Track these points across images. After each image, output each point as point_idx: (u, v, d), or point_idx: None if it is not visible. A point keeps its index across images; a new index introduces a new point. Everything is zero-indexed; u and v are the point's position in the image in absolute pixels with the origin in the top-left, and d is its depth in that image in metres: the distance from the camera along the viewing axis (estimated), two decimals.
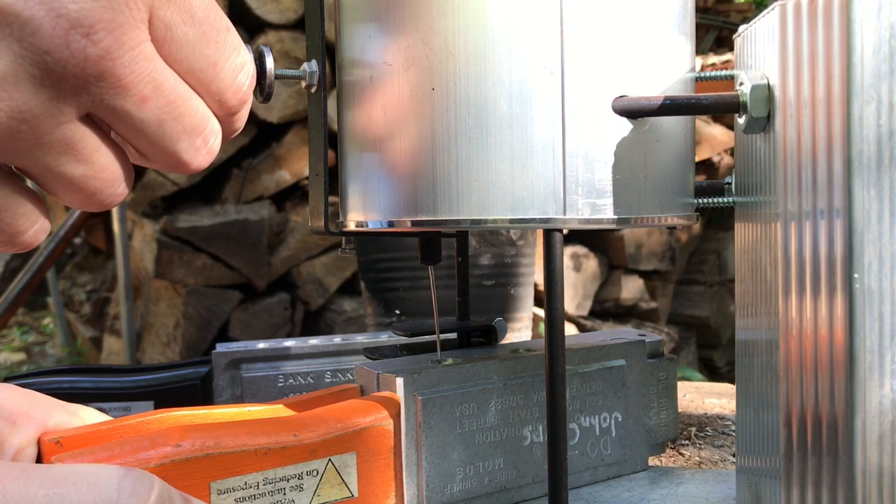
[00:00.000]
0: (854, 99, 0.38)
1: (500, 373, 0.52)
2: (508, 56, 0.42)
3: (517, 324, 1.38)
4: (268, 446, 0.42)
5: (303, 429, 0.44)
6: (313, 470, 0.44)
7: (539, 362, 0.54)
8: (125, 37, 0.29)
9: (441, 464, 0.49)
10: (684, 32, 0.46)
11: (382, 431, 0.46)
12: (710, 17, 3.30)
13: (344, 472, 0.45)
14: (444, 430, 0.49)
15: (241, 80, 0.34)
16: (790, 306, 0.40)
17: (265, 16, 2.24)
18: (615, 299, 2.68)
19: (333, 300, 2.41)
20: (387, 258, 1.33)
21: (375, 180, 0.46)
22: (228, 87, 0.34)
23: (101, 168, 0.31)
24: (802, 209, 0.39)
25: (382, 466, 0.47)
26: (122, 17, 0.29)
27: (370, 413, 0.46)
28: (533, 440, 0.53)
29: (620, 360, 0.58)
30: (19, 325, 3.87)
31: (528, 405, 0.53)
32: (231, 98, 0.34)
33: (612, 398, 0.57)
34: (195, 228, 2.23)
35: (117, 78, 0.29)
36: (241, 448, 0.41)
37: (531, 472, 0.53)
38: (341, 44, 0.49)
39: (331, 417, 0.45)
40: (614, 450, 0.57)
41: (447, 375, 0.50)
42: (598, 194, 0.43)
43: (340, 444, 0.45)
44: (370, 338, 0.71)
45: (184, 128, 0.32)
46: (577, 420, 0.55)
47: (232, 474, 0.41)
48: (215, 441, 0.40)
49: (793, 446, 0.40)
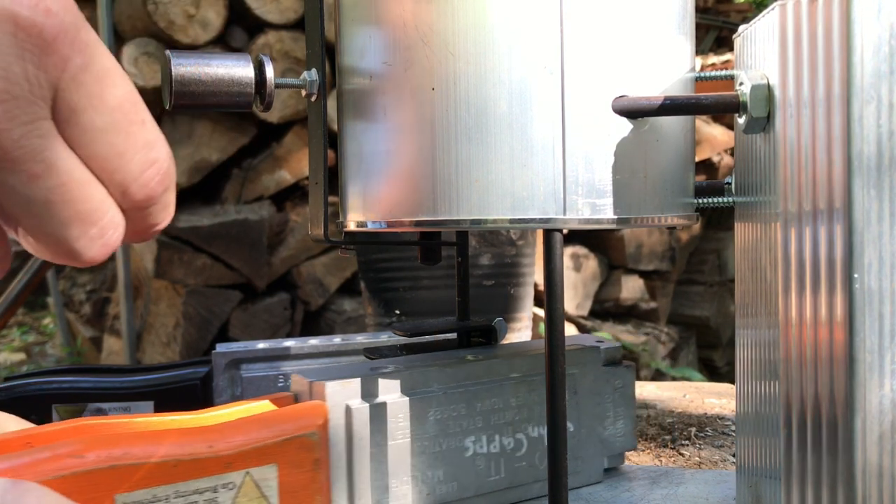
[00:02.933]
0: (854, 99, 0.38)
1: (440, 381, 0.50)
2: (508, 56, 0.42)
3: (517, 324, 1.38)
4: (179, 457, 0.40)
5: (219, 439, 0.42)
6: (229, 483, 0.41)
7: (485, 369, 0.52)
8: (18, 110, 0.28)
9: (373, 477, 0.47)
10: (684, 32, 0.46)
11: (306, 443, 0.44)
12: (710, 17, 3.30)
13: (263, 486, 0.43)
14: (377, 440, 0.47)
15: (150, 176, 0.32)
16: (790, 306, 0.40)
17: (265, 16, 2.24)
18: (615, 299, 2.68)
19: (333, 300, 2.41)
20: (387, 258, 1.33)
21: (375, 180, 0.46)
22: (134, 180, 0.32)
23: None
24: (802, 209, 0.39)
25: (306, 479, 0.44)
26: (17, 89, 0.27)
27: (293, 423, 0.44)
28: (476, 451, 0.51)
29: (572, 368, 0.55)
30: (19, 325, 3.87)
31: (470, 415, 0.51)
32: (137, 192, 0.32)
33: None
34: (195, 228, 2.23)
35: (4, 151, 0.28)
36: (149, 459, 0.39)
37: (473, 484, 0.51)
38: (341, 44, 0.49)
39: (251, 428, 0.43)
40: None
41: (383, 384, 0.48)
42: (598, 194, 0.43)
43: (259, 456, 0.42)
44: (370, 338, 0.71)
45: (76, 213, 0.30)
46: (523, 430, 0.53)
47: (139, 487, 0.39)
48: (122, 451, 0.38)
49: (793, 446, 0.40)
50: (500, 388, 0.52)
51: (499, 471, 0.52)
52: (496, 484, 0.52)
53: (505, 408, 0.52)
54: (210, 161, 2.26)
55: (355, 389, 0.47)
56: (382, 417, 0.47)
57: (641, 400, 0.94)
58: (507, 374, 0.53)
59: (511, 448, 0.53)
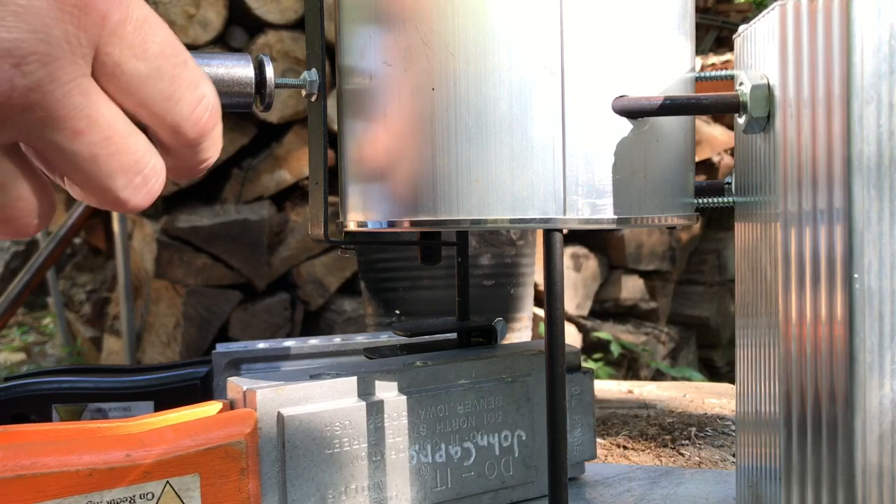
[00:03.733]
0: (854, 99, 0.38)
1: (381, 387, 0.48)
2: (508, 56, 0.42)
3: (517, 324, 1.38)
4: (93, 466, 0.39)
5: (138, 447, 0.40)
6: (147, 493, 0.40)
7: (430, 375, 0.51)
8: (60, 71, 0.29)
9: (308, 487, 0.45)
10: (684, 32, 0.46)
11: (231, 452, 0.43)
12: (710, 17, 3.29)
13: (185, 496, 0.42)
14: (311, 449, 0.45)
15: (200, 113, 0.34)
16: (790, 306, 0.40)
17: (265, 16, 2.24)
18: (615, 299, 2.68)
19: (333, 300, 2.41)
20: (387, 258, 1.33)
21: (375, 180, 0.46)
22: (185, 119, 0.33)
23: (18, 198, 0.31)
24: (802, 209, 0.39)
25: (231, 490, 0.43)
26: (58, 51, 0.28)
27: (217, 431, 0.43)
28: (420, 460, 0.49)
29: (525, 374, 0.53)
30: (19, 325, 3.87)
31: (414, 422, 0.49)
32: (190, 131, 0.34)
33: (515, 415, 0.53)
34: (195, 228, 2.23)
35: (48, 111, 0.29)
36: (61, 468, 0.38)
37: (418, 495, 0.49)
38: (341, 44, 0.49)
39: (173, 436, 0.42)
40: (518, 471, 0.53)
41: (319, 390, 0.47)
42: (598, 194, 0.43)
43: (180, 465, 0.41)
44: (370, 338, 0.71)
45: (120, 165, 0.31)
46: (471, 438, 0.51)
47: (48, 497, 0.38)
48: (31, 460, 0.37)
49: (793, 446, 0.40)
50: (447, 394, 0.50)
51: (445, 481, 0.50)
52: (442, 495, 0.50)
53: (451, 415, 0.51)
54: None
55: (288, 396, 0.45)
56: (317, 425, 0.46)
57: (641, 400, 0.94)
58: (455, 380, 0.51)
59: (458, 457, 0.51)
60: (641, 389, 1.02)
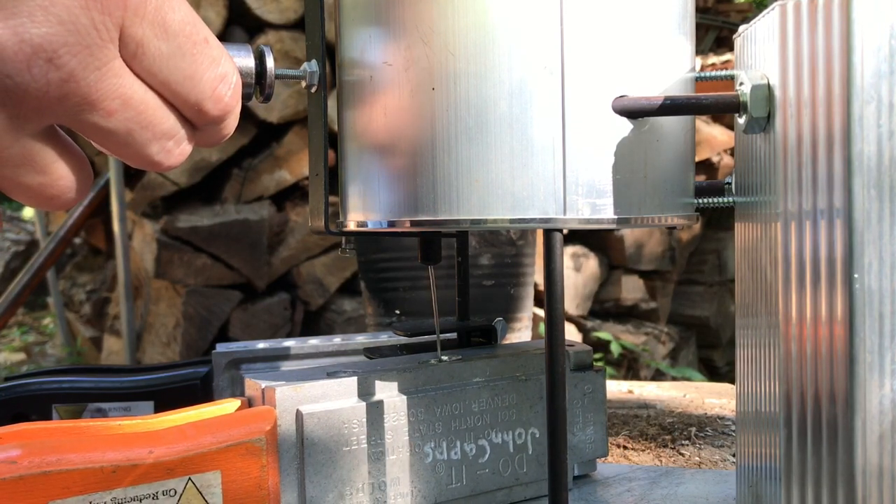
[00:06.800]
0: (854, 99, 0.38)
1: (398, 385, 0.49)
2: (508, 56, 0.42)
3: (517, 324, 1.38)
4: (117, 463, 0.39)
5: (160, 444, 0.41)
6: (170, 489, 0.41)
7: (446, 373, 0.51)
8: (91, 58, 0.29)
9: (326, 483, 0.46)
10: (684, 32, 0.46)
11: (252, 449, 0.43)
12: (710, 17, 3.29)
13: (206, 492, 0.42)
14: (329, 446, 0.46)
15: (222, 91, 0.35)
16: (790, 306, 0.40)
17: (265, 16, 2.24)
18: (615, 299, 2.68)
19: (333, 300, 2.40)
20: (387, 258, 1.33)
21: (375, 180, 0.46)
22: (207, 98, 0.34)
23: (59, 177, 0.32)
24: (802, 209, 0.39)
25: (252, 486, 0.44)
26: (88, 39, 0.29)
27: (238, 429, 0.43)
28: (436, 457, 0.50)
29: (538, 372, 0.54)
30: (19, 325, 3.87)
31: (430, 420, 0.50)
32: (211, 109, 0.34)
33: (529, 412, 0.53)
34: (195, 228, 2.23)
35: (82, 97, 0.30)
36: (85, 465, 0.38)
37: (433, 492, 0.50)
38: (341, 44, 0.49)
39: (195, 434, 0.42)
40: (531, 468, 0.54)
41: (337, 388, 0.47)
42: (598, 194, 0.43)
43: (202, 463, 0.42)
44: (370, 338, 0.71)
45: (153, 134, 0.33)
46: (486, 436, 0.52)
47: (73, 493, 0.38)
48: (57, 457, 0.38)
49: (793, 446, 0.40)
50: (462, 392, 0.51)
51: (460, 478, 0.51)
52: (457, 491, 0.51)
53: (466, 413, 0.51)
54: (210, 161, 2.26)
55: (307, 394, 0.46)
56: (335, 422, 0.46)
57: (641, 400, 0.94)
58: (470, 378, 0.52)
59: (473, 455, 0.51)
60: (641, 389, 1.02)
